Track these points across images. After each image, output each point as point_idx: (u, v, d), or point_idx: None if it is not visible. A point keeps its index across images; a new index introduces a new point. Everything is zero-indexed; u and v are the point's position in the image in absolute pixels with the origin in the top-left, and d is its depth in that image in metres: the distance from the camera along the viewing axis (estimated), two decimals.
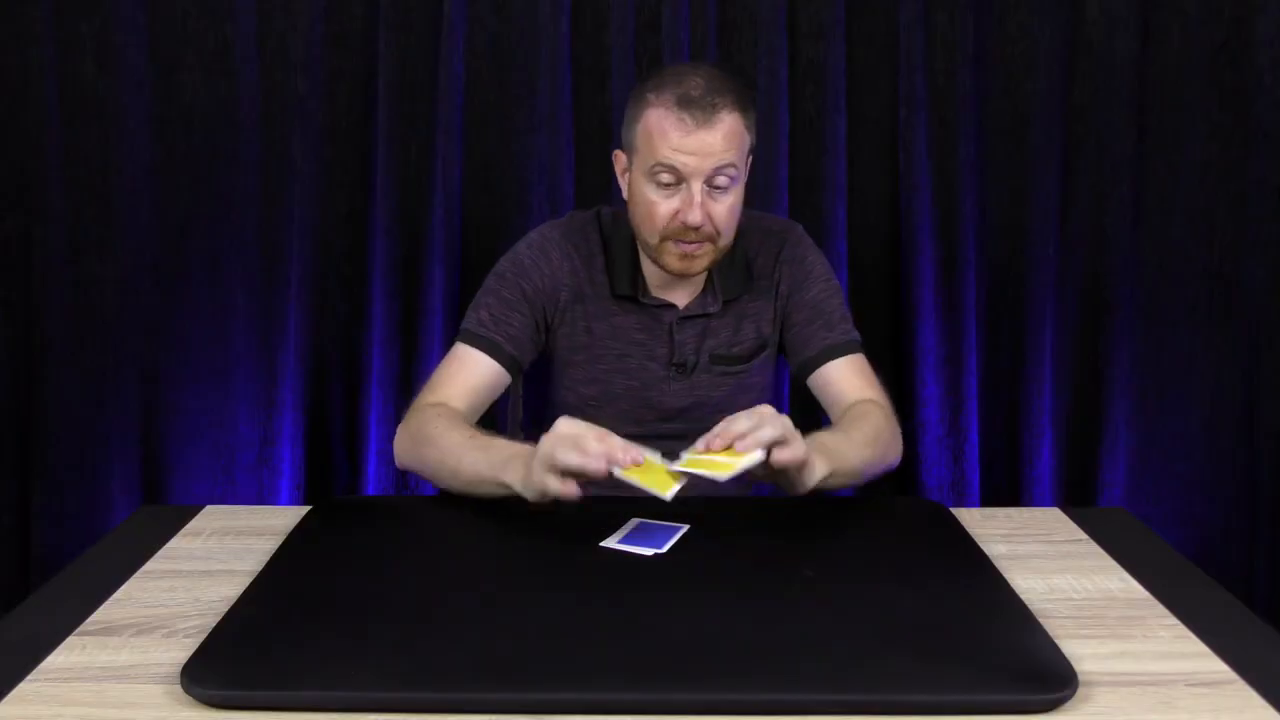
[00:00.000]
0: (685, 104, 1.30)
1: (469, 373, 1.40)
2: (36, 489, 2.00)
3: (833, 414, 1.44)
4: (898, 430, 1.39)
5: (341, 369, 2.06)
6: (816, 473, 1.19)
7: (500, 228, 2.00)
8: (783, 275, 1.48)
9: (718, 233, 1.35)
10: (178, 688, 0.87)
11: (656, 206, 1.34)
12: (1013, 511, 1.33)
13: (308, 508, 1.29)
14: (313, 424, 2.05)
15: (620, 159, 1.42)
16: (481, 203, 2.02)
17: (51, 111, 1.94)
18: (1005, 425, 2.09)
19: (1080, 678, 0.87)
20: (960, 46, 1.98)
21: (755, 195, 1.99)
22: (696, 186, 1.31)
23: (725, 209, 1.34)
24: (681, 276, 1.40)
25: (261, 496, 2.06)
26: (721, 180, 1.32)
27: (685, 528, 1.17)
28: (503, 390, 1.43)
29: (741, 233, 1.45)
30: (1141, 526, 1.32)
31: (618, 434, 1.40)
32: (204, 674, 0.87)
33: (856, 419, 1.35)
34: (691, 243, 1.34)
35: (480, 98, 2.00)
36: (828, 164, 2.00)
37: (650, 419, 1.46)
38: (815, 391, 1.46)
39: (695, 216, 1.31)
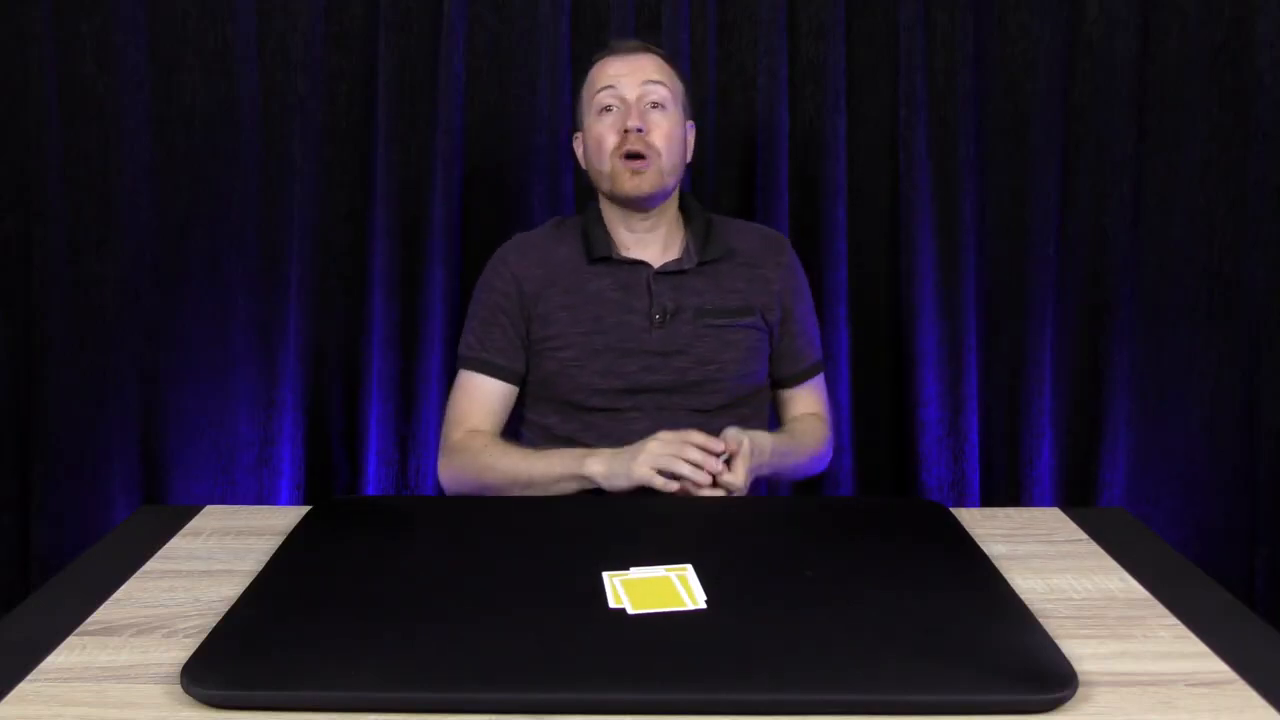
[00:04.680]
0: (616, 47, 1.56)
1: (481, 397, 1.57)
2: (36, 489, 2.00)
3: (782, 418, 1.68)
4: (831, 441, 1.66)
5: (341, 369, 2.06)
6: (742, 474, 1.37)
7: (500, 228, 2.00)
8: (780, 277, 1.61)
9: (659, 152, 1.50)
10: (178, 688, 0.87)
11: (604, 135, 1.52)
12: (1013, 511, 1.33)
13: (308, 508, 1.29)
14: (313, 424, 2.05)
15: (578, 138, 1.62)
16: (481, 203, 2.02)
17: (51, 111, 1.94)
18: (1005, 425, 2.09)
19: (1080, 678, 0.87)
20: (960, 46, 1.98)
21: (756, 195, 2.00)
22: (632, 96, 1.51)
23: (662, 129, 1.51)
24: (636, 202, 1.53)
25: (261, 496, 2.06)
26: (654, 98, 1.52)
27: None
28: (513, 401, 1.59)
29: (721, 223, 1.62)
30: (1141, 526, 1.32)
31: (600, 390, 1.52)
32: (204, 674, 0.87)
33: (800, 429, 1.62)
34: (637, 157, 1.49)
35: (480, 98, 2.00)
36: (828, 164, 2.00)
37: (632, 370, 1.52)
38: (780, 402, 1.67)
39: (634, 120, 1.49)
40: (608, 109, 1.52)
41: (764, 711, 0.84)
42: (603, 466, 1.38)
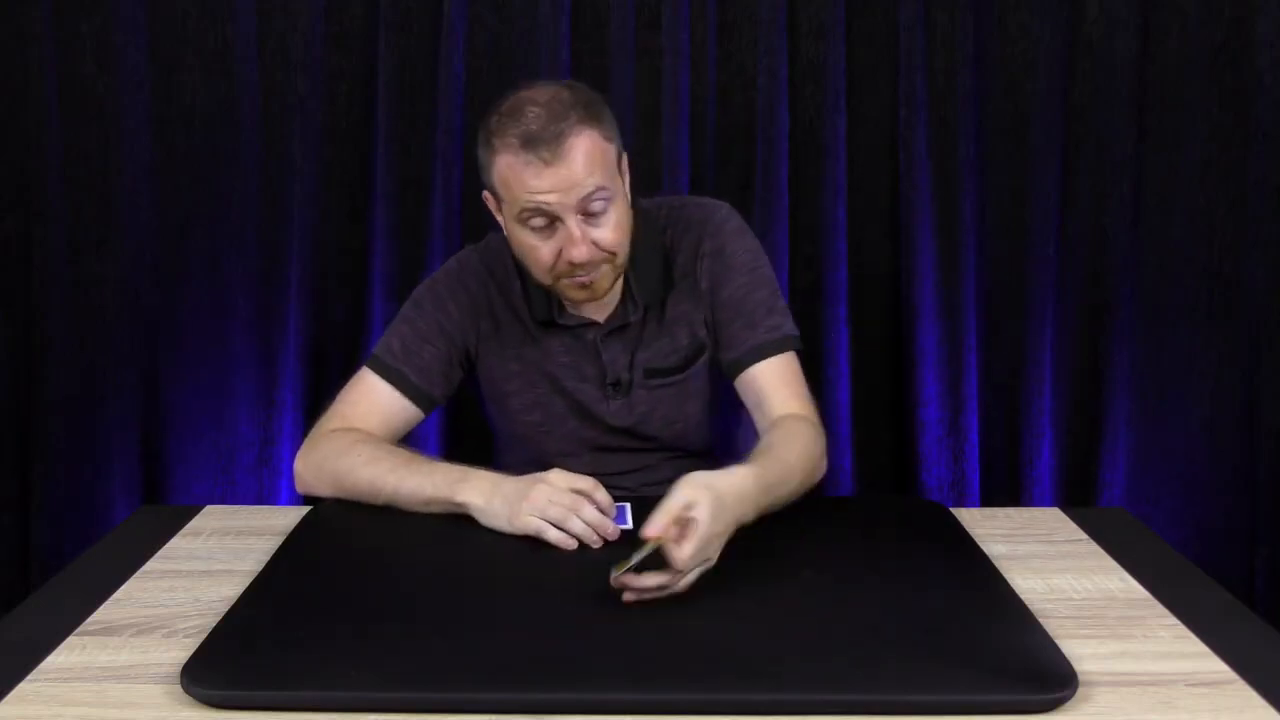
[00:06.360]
0: (530, 143, 1.22)
1: (377, 404, 1.37)
2: (36, 489, 2.00)
3: (758, 421, 1.36)
4: (824, 444, 1.30)
5: (341, 369, 2.05)
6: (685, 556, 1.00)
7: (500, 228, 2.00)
8: (703, 271, 1.39)
9: (611, 253, 1.29)
10: (178, 688, 0.87)
11: (538, 251, 1.28)
12: (1013, 511, 1.33)
13: (308, 508, 1.30)
14: (312, 424, 2.04)
15: (489, 200, 1.35)
16: (481, 203, 2.01)
17: (51, 111, 1.94)
18: (1005, 425, 2.09)
19: (1080, 678, 0.87)
20: (960, 46, 1.98)
21: (756, 195, 2.00)
22: (572, 222, 1.24)
23: (610, 231, 1.27)
24: (590, 302, 1.36)
25: (261, 496, 2.06)
26: (596, 205, 1.25)
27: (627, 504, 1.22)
28: (413, 425, 1.40)
29: (661, 228, 1.41)
30: (1141, 526, 1.32)
31: (572, 452, 1.39)
32: (204, 674, 0.87)
33: (787, 440, 1.25)
34: (585, 274, 1.29)
35: (480, 98, 2.00)
36: (828, 164, 2.00)
37: (599, 436, 1.42)
38: (740, 394, 1.39)
39: (580, 253, 1.25)
40: (540, 228, 1.27)
41: (764, 711, 0.84)
42: (480, 499, 1.19)
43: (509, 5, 1.98)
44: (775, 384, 1.35)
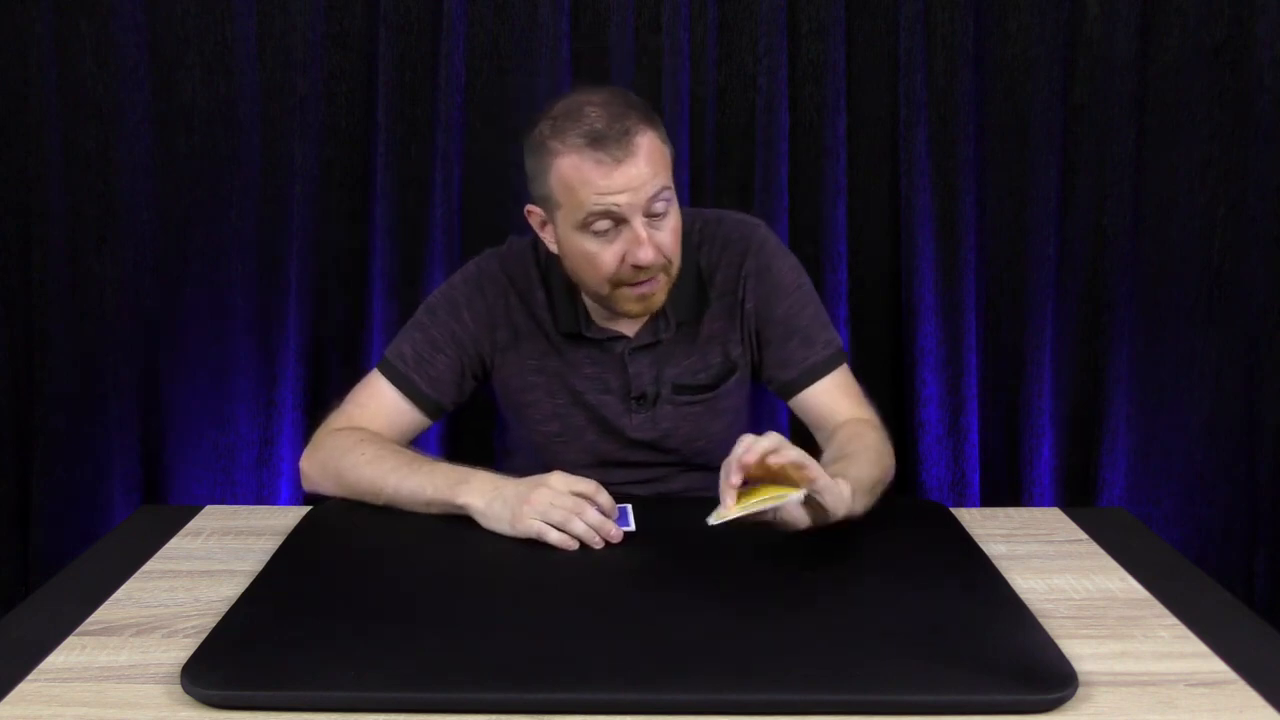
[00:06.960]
0: (598, 141, 1.19)
1: (384, 409, 1.37)
2: (36, 489, 2.00)
3: (820, 435, 1.38)
4: (890, 443, 1.34)
5: (341, 369, 2.06)
6: (846, 493, 1.09)
7: (500, 228, 2.00)
8: (747, 291, 1.38)
9: (668, 260, 1.27)
10: (178, 688, 0.87)
11: (599, 257, 1.24)
12: (1013, 511, 1.33)
13: (308, 508, 1.30)
14: (312, 424, 2.03)
15: (535, 214, 1.32)
16: (481, 203, 2.02)
17: (51, 111, 1.94)
18: (1005, 425, 2.09)
19: (1080, 678, 0.87)
20: (960, 46, 1.98)
21: (756, 195, 2.00)
22: (639, 223, 1.22)
23: (669, 235, 1.26)
24: (645, 314, 1.34)
25: (261, 496, 2.06)
26: (659, 206, 1.23)
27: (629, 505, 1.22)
28: (421, 430, 1.40)
29: (695, 245, 1.39)
30: (1141, 526, 1.32)
31: (589, 465, 1.38)
32: (204, 674, 0.87)
33: (854, 440, 1.28)
34: (645, 281, 1.26)
35: (480, 98, 2.00)
36: (828, 164, 2.00)
37: (617, 451, 1.41)
38: (800, 413, 1.40)
39: (648, 254, 1.22)
40: (602, 232, 1.23)
41: (764, 711, 0.84)
42: (481, 501, 1.18)
43: (509, 5, 1.98)
44: (838, 397, 1.38)
